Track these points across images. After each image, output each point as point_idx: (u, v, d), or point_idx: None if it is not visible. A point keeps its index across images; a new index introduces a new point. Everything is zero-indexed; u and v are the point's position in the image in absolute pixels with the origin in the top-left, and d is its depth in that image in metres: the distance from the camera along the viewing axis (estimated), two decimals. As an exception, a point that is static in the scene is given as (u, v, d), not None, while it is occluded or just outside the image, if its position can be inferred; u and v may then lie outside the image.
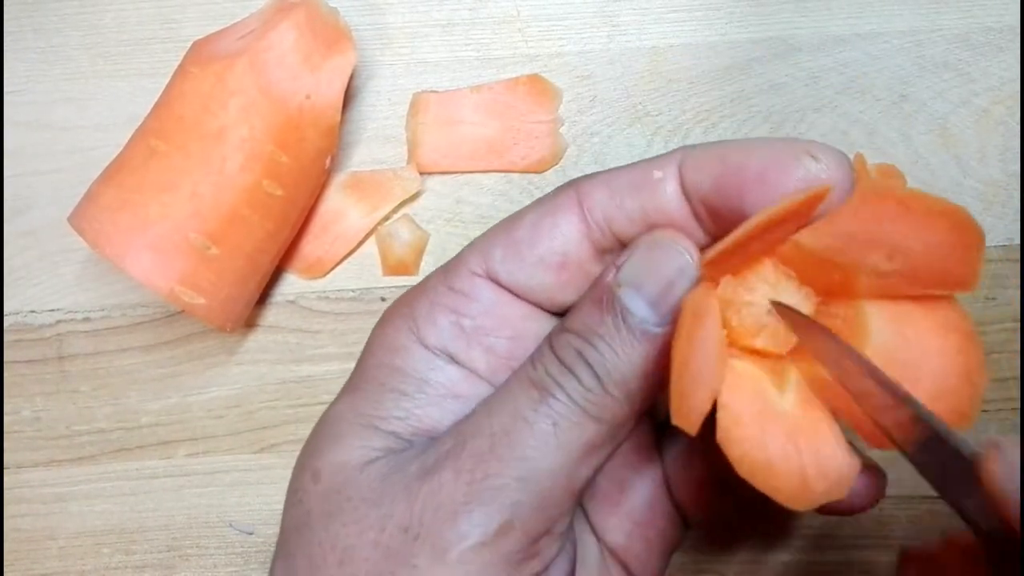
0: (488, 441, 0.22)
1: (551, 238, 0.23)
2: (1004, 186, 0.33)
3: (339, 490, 0.23)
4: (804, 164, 0.20)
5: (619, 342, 0.22)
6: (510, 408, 0.22)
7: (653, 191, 0.22)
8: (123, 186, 0.29)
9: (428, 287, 0.24)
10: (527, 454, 0.21)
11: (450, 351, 0.24)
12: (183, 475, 0.34)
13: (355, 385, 0.25)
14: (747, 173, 0.21)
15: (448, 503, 0.21)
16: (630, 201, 0.22)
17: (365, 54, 0.34)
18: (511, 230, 0.24)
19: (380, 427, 0.23)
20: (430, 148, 0.34)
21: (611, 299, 0.22)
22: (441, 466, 0.22)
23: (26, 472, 0.34)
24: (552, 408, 0.22)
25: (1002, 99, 0.33)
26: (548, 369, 0.22)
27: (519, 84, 0.34)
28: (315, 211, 0.33)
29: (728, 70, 0.34)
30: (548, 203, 0.23)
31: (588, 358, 0.22)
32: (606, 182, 0.23)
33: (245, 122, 0.29)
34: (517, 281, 0.23)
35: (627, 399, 0.22)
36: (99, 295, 0.34)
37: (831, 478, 0.20)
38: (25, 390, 0.34)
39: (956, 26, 0.34)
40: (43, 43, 0.34)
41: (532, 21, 0.34)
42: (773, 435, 0.20)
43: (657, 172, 0.22)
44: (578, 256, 0.23)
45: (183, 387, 0.34)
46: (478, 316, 0.24)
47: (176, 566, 0.34)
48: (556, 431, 0.22)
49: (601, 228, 0.23)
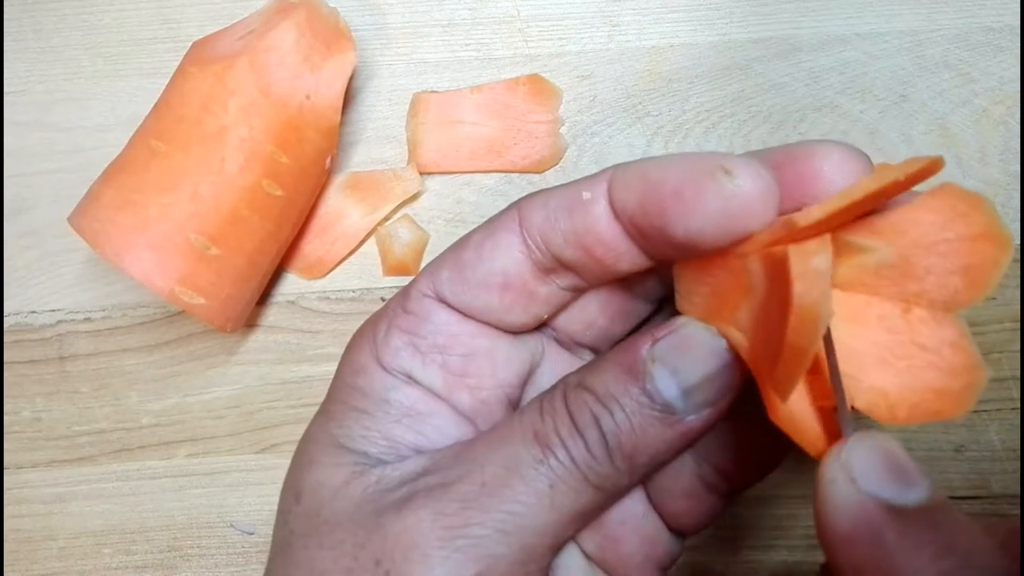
0: (477, 488, 0.21)
1: (492, 259, 0.23)
2: (1004, 186, 0.33)
3: (317, 512, 0.23)
4: (718, 180, 0.19)
5: (640, 418, 0.21)
6: (507, 458, 0.22)
7: (584, 212, 0.22)
8: (123, 186, 0.29)
9: (387, 309, 0.25)
10: (516, 509, 0.21)
11: (406, 370, 0.24)
12: (184, 475, 0.34)
13: (325, 407, 0.25)
14: (665, 190, 0.20)
15: (422, 544, 0.21)
16: (563, 222, 0.22)
17: (365, 54, 0.34)
18: (458, 251, 0.23)
19: (348, 446, 0.24)
20: (430, 148, 0.34)
21: (642, 372, 0.21)
22: (421, 503, 0.21)
23: (26, 472, 0.34)
24: (552, 469, 0.21)
25: (1002, 99, 0.33)
26: (557, 426, 0.22)
27: (519, 84, 0.34)
28: (315, 211, 0.33)
29: (728, 70, 0.34)
30: (492, 224, 0.23)
31: (603, 425, 0.21)
32: (544, 202, 0.22)
33: (245, 122, 0.29)
34: (463, 302, 0.23)
35: (630, 473, 0.22)
36: (99, 295, 0.34)
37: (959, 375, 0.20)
38: (25, 390, 0.34)
39: (956, 26, 0.34)
40: (43, 43, 0.34)
41: (532, 21, 0.34)
42: None
43: (586, 193, 0.22)
44: (519, 277, 0.23)
45: (183, 387, 0.34)
46: (430, 336, 0.24)
47: (177, 566, 0.34)
48: (552, 493, 0.21)
49: (540, 249, 0.22)
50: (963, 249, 0.20)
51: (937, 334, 0.20)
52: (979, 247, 0.20)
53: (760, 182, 0.19)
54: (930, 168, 0.19)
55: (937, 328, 0.20)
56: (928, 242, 0.20)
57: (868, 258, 0.20)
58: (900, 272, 0.20)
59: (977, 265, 0.20)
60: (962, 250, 0.20)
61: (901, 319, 0.20)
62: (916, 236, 0.20)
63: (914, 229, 0.20)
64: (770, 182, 0.20)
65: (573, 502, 0.21)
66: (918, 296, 0.20)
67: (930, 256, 0.20)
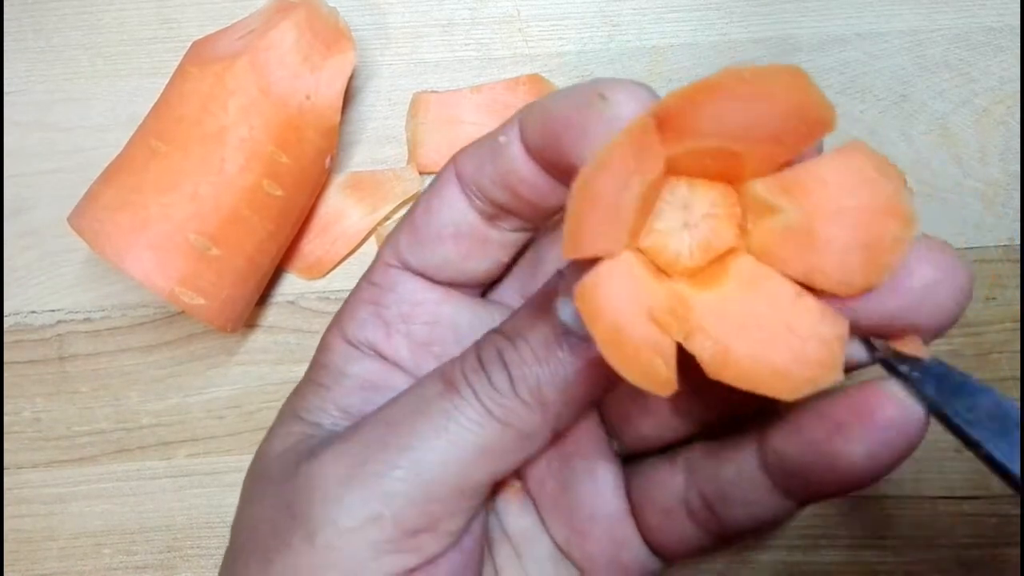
0: (380, 428, 0.22)
1: (440, 213, 0.23)
2: (1004, 186, 0.33)
3: (260, 475, 0.24)
4: (596, 106, 0.19)
5: (542, 347, 0.21)
6: (413, 399, 0.22)
7: (502, 154, 0.22)
8: (123, 186, 0.29)
9: (355, 287, 0.25)
10: (413, 444, 0.21)
11: (371, 342, 0.24)
12: (183, 475, 0.34)
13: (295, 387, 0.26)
14: (558, 123, 0.20)
15: (324, 485, 0.21)
16: (488, 167, 0.22)
17: (365, 54, 0.34)
18: (410, 216, 0.24)
19: (303, 417, 0.24)
20: (430, 148, 0.34)
21: (545, 304, 0.21)
22: (328, 447, 0.22)
23: (26, 473, 0.34)
24: (452, 403, 0.21)
25: (1002, 99, 0.33)
26: (463, 366, 0.22)
27: (519, 84, 0.34)
28: (315, 211, 0.33)
29: (728, 70, 0.34)
30: (435, 182, 0.24)
31: (505, 358, 0.21)
32: (474, 152, 0.23)
33: (245, 122, 0.29)
34: (423, 261, 0.24)
35: (540, 408, 0.21)
36: (99, 295, 0.34)
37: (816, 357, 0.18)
38: (25, 391, 0.34)
39: (956, 26, 0.34)
40: (43, 43, 0.34)
41: (532, 21, 0.34)
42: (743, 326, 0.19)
43: (502, 137, 0.22)
44: (468, 225, 0.23)
45: (183, 387, 0.34)
46: (394, 305, 0.24)
47: (177, 567, 0.34)
48: (451, 426, 0.21)
49: (478, 196, 0.23)
50: (865, 222, 0.18)
51: (813, 327, 0.19)
52: (881, 221, 0.18)
53: (635, 99, 0.19)
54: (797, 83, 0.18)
55: (818, 322, 0.19)
56: (832, 208, 0.19)
57: (775, 220, 0.19)
58: (803, 241, 0.19)
59: (877, 242, 0.18)
60: (864, 223, 0.18)
61: (790, 301, 0.19)
62: (820, 199, 0.19)
63: (819, 190, 0.19)
64: (645, 97, 0.20)
65: (476, 437, 0.21)
66: (817, 272, 0.19)
67: (832, 225, 0.19)
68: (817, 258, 0.19)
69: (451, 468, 0.21)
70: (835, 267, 0.19)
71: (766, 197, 0.19)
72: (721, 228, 0.20)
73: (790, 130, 0.19)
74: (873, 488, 0.33)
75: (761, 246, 0.20)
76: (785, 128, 0.19)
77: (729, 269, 0.20)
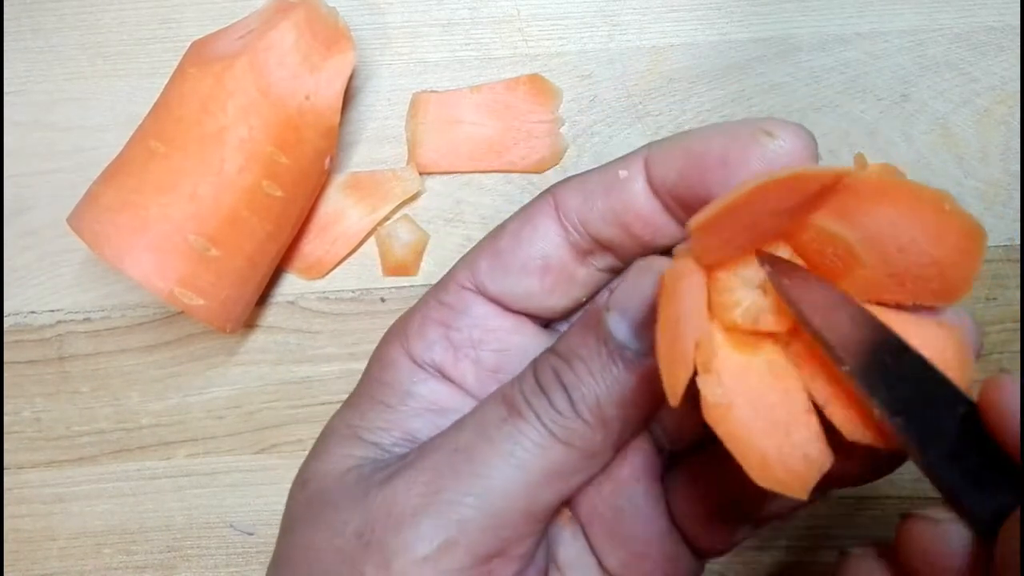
0: (449, 455, 0.22)
1: (531, 244, 0.23)
2: (1005, 186, 0.33)
3: (319, 496, 0.23)
4: (761, 142, 0.20)
5: (598, 366, 0.21)
6: (477, 424, 0.22)
7: (621, 191, 0.22)
8: (123, 187, 0.29)
9: (421, 303, 0.25)
10: (482, 471, 0.21)
11: (438, 364, 0.24)
12: (183, 476, 0.34)
13: (349, 400, 0.25)
14: (709, 159, 0.21)
15: (398, 513, 0.21)
16: (601, 202, 0.22)
17: (365, 54, 0.34)
18: (494, 241, 0.24)
19: (364, 437, 0.24)
20: (430, 148, 0.34)
21: (597, 322, 0.21)
22: (399, 475, 0.22)
23: (26, 472, 0.34)
24: (517, 427, 0.21)
25: (1003, 98, 0.33)
26: (523, 388, 0.22)
27: (519, 84, 0.34)
28: (315, 212, 0.33)
29: (728, 70, 0.34)
30: (527, 211, 0.24)
31: (564, 379, 0.21)
32: (579, 185, 0.23)
33: (244, 123, 0.29)
34: (503, 290, 0.23)
35: (601, 426, 0.21)
36: (99, 295, 0.34)
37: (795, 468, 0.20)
38: (25, 391, 0.34)
39: (957, 25, 0.34)
40: (43, 43, 0.34)
41: (532, 21, 0.34)
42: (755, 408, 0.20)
43: (623, 171, 0.22)
44: (559, 259, 0.23)
45: (183, 388, 0.34)
46: (466, 329, 0.24)
47: (177, 567, 0.34)
48: (517, 451, 0.21)
49: (578, 231, 0.23)
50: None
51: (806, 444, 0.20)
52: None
53: (800, 140, 0.20)
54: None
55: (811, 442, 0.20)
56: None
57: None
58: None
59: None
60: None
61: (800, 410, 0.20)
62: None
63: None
64: (809, 139, 0.20)
65: (542, 460, 0.21)
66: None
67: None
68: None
69: (520, 492, 0.21)
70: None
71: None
72: (781, 313, 0.21)
73: (926, 280, 0.20)
74: (873, 488, 0.33)
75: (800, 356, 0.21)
76: (922, 275, 0.20)
77: (763, 349, 0.21)
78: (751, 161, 0.20)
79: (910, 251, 0.20)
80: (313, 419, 0.34)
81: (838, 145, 0.33)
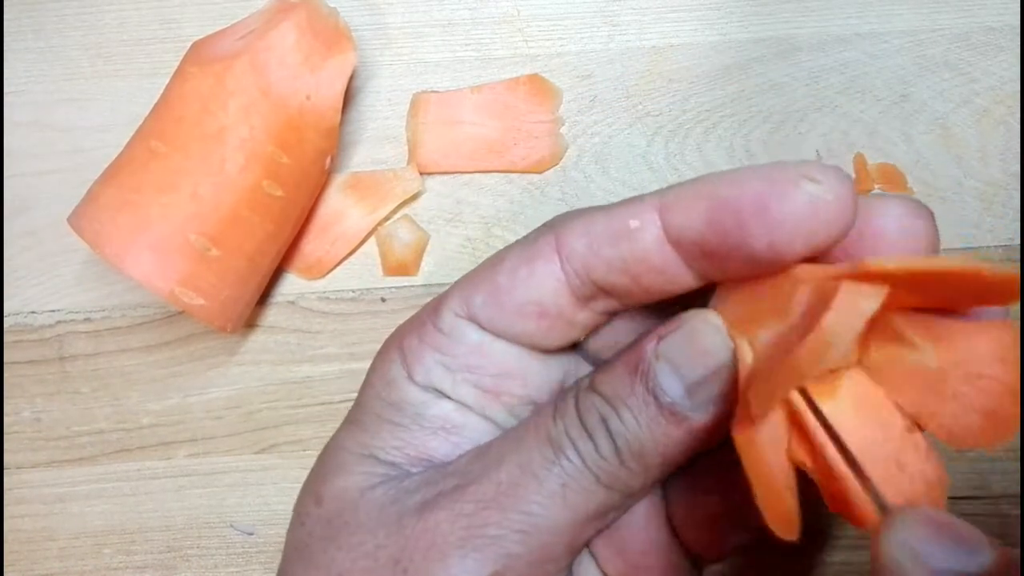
0: (493, 489, 0.22)
1: (528, 287, 0.22)
2: (1005, 186, 0.33)
3: (339, 515, 0.23)
4: (804, 188, 0.19)
5: (646, 417, 0.21)
6: (522, 460, 0.22)
7: (632, 241, 0.21)
8: (123, 187, 0.29)
9: (418, 322, 0.24)
10: (532, 509, 0.21)
11: (437, 387, 0.24)
12: (183, 476, 0.34)
13: (355, 417, 0.25)
14: (743, 204, 0.20)
15: (441, 544, 0.21)
16: (609, 250, 0.21)
17: (365, 54, 0.34)
18: (492, 275, 0.23)
19: (380, 456, 0.24)
20: (430, 148, 0.34)
21: (646, 371, 0.21)
22: (440, 505, 0.22)
23: (26, 472, 0.34)
24: (564, 469, 0.21)
25: (1003, 99, 0.33)
26: (568, 428, 0.22)
27: (519, 84, 0.34)
28: (315, 211, 0.33)
29: (728, 70, 0.34)
30: (528, 247, 0.23)
31: (610, 426, 0.21)
32: (585, 230, 0.22)
33: (245, 123, 0.29)
34: (498, 328, 0.23)
35: (643, 473, 0.22)
36: (99, 295, 0.34)
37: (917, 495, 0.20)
38: (25, 391, 0.34)
39: (957, 25, 0.34)
40: (43, 43, 0.34)
41: (532, 21, 0.34)
42: None
43: (634, 222, 0.21)
44: (556, 305, 0.22)
45: (183, 388, 0.34)
46: (461, 356, 0.23)
47: (177, 567, 0.34)
48: (565, 492, 0.21)
49: (580, 277, 0.22)
50: (996, 394, 0.20)
51: (919, 464, 0.20)
52: (1010, 400, 0.20)
53: (844, 187, 0.19)
54: (1011, 290, 0.19)
55: (924, 460, 0.20)
56: (971, 371, 0.20)
57: (909, 355, 0.20)
58: (930, 385, 0.20)
59: (1002, 416, 0.20)
60: (996, 394, 0.20)
61: (900, 433, 0.20)
62: (963, 359, 0.20)
63: (965, 351, 0.20)
64: (851, 187, 0.19)
65: (587, 502, 0.22)
66: (932, 415, 0.20)
67: (965, 384, 0.20)
68: (938, 405, 0.20)
69: (567, 530, 0.22)
70: (952, 420, 0.20)
71: (908, 333, 0.20)
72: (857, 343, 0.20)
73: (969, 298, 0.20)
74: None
75: (878, 367, 0.20)
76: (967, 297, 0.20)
77: (843, 381, 0.20)
78: (794, 207, 0.19)
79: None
80: (313, 419, 0.34)
81: (838, 145, 0.33)
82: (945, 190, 0.33)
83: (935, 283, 0.19)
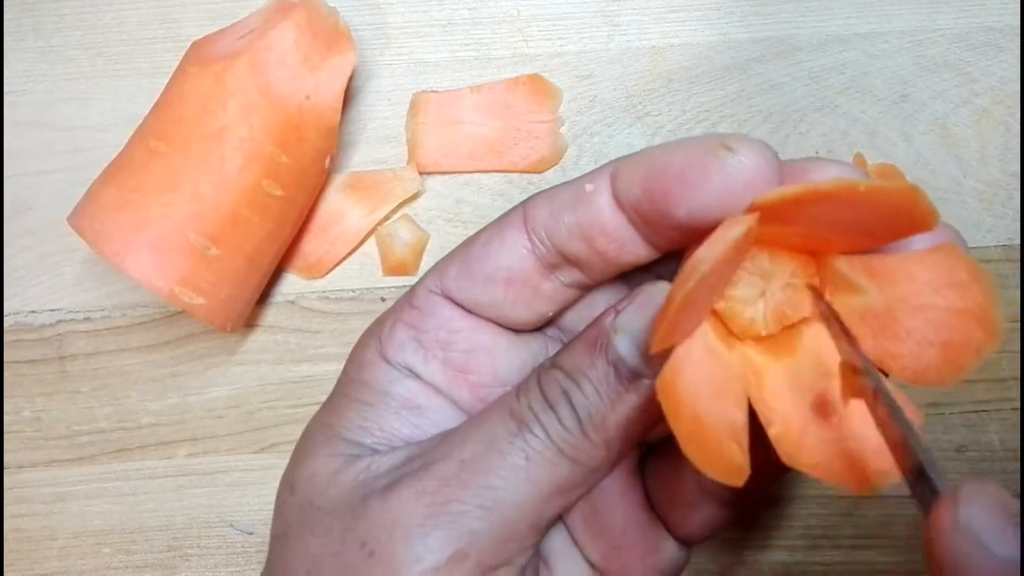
0: (456, 466, 0.22)
1: (497, 255, 0.23)
2: (1004, 186, 0.33)
3: (311, 501, 0.23)
4: (720, 157, 0.20)
5: (606, 387, 0.22)
6: (485, 436, 0.22)
7: (587, 204, 0.22)
8: (123, 186, 0.29)
9: (395, 306, 0.25)
10: (494, 483, 0.21)
11: (409, 364, 0.24)
12: (183, 475, 0.34)
13: (327, 401, 0.25)
14: (670, 173, 0.20)
15: (405, 523, 0.21)
16: (568, 216, 0.22)
17: (365, 54, 0.34)
18: (466, 249, 0.24)
19: (345, 436, 0.24)
20: (430, 148, 0.34)
21: (604, 343, 0.22)
22: (404, 484, 0.22)
23: (26, 472, 0.34)
24: (527, 443, 0.22)
25: (1002, 99, 0.33)
26: (531, 403, 0.22)
27: (519, 84, 0.34)
28: (315, 211, 0.33)
29: (728, 70, 0.34)
30: (500, 222, 0.24)
31: (572, 398, 0.22)
32: (549, 199, 0.23)
33: (245, 122, 0.29)
34: (469, 297, 0.24)
35: (605, 445, 0.22)
36: (99, 295, 0.34)
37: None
38: (25, 390, 0.34)
39: (956, 26, 0.34)
40: (43, 43, 0.34)
41: (532, 21, 0.34)
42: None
43: (589, 185, 0.22)
44: (523, 272, 0.23)
45: (183, 387, 0.34)
46: (433, 330, 0.24)
47: (177, 566, 0.34)
48: (528, 465, 0.22)
49: (545, 244, 0.23)
50: (949, 322, 0.19)
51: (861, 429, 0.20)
52: (966, 326, 0.19)
53: (761, 157, 0.20)
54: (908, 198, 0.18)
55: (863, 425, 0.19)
56: (917, 302, 0.20)
57: (857, 298, 0.20)
58: (883, 326, 0.20)
59: (959, 345, 0.19)
60: (948, 323, 0.19)
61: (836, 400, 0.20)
62: (906, 291, 0.20)
63: (906, 282, 0.20)
64: (771, 157, 0.20)
65: (550, 476, 0.22)
66: (893, 358, 0.20)
67: (915, 318, 0.20)
68: (893, 345, 0.20)
69: (530, 505, 0.22)
70: (911, 358, 0.20)
71: (849, 276, 0.20)
72: (798, 298, 0.21)
73: (887, 228, 0.20)
74: (873, 488, 0.33)
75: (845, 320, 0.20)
76: (883, 226, 0.20)
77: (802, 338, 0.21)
78: (711, 176, 0.20)
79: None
80: (313, 419, 0.34)
81: (838, 145, 0.33)
82: (945, 190, 0.33)
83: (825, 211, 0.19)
